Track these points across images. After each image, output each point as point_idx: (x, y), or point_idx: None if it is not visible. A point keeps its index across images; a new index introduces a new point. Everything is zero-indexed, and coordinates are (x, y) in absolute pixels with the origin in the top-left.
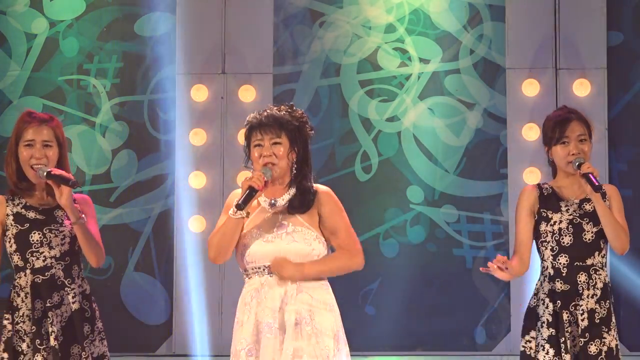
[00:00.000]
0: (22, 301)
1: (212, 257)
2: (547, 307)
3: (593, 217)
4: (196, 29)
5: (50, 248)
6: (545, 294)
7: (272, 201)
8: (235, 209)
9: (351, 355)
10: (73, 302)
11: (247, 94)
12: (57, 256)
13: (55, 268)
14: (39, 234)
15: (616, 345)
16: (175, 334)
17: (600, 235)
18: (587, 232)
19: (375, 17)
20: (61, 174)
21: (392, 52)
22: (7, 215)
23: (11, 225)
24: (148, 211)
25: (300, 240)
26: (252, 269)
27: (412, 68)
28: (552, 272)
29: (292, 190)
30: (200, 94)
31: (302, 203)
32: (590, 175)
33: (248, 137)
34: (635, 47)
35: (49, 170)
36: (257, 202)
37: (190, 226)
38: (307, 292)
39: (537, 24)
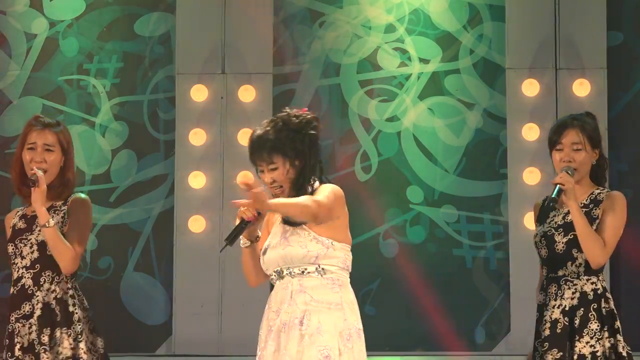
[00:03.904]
0: (7, 314)
1: (248, 281)
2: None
3: (566, 227)
4: (196, 29)
5: (22, 258)
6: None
7: None
8: (226, 243)
9: None
10: (41, 309)
11: (247, 94)
12: (27, 265)
13: (25, 278)
14: (12, 246)
15: (593, 353)
16: (175, 334)
17: (572, 244)
18: (558, 242)
19: (375, 17)
20: (33, 174)
21: (392, 52)
22: (11, 227)
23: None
24: (148, 211)
25: (295, 243)
26: (270, 276)
27: (412, 68)
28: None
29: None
30: (200, 94)
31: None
32: (557, 185)
33: (252, 162)
34: (635, 47)
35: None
36: None
37: (190, 226)
38: (308, 293)
39: (537, 24)
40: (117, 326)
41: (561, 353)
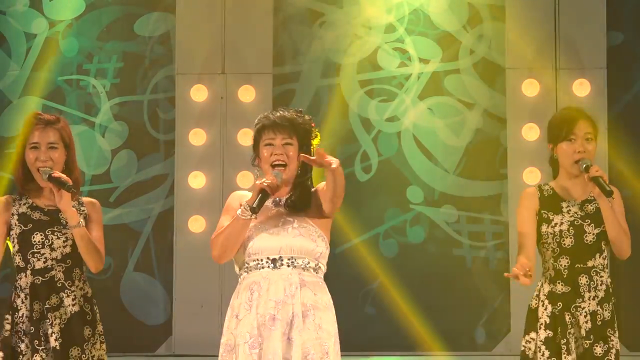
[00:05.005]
0: (22, 302)
1: (216, 255)
2: (545, 309)
3: (594, 219)
4: (196, 29)
5: (52, 250)
6: (545, 295)
7: (277, 200)
8: (250, 212)
9: (351, 355)
10: (73, 305)
11: (247, 94)
12: (58, 258)
13: (55, 270)
14: (41, 235)
15: (617, 350)
16: (175, 334)
17: (602, 237)
18: (589, 233)
19: (375, 17)
20: (60, 177)
21: (392, 52)
22: (12, 215)
23: (15, 225)
24: (148, 211)
25: (306, 235)
26: (254, 261)
27: (412, 68)
28: (552, 273)
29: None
30: (200, 94)
31: (300, 200)
32: (600, 179)
33: (258, 137)
34: (635, 47)
35: (51, 172)
36: None
37: (190, 226)
38: (309, 288)
39: (537, 24)
40: (117, 326)
41: (607, 345)
